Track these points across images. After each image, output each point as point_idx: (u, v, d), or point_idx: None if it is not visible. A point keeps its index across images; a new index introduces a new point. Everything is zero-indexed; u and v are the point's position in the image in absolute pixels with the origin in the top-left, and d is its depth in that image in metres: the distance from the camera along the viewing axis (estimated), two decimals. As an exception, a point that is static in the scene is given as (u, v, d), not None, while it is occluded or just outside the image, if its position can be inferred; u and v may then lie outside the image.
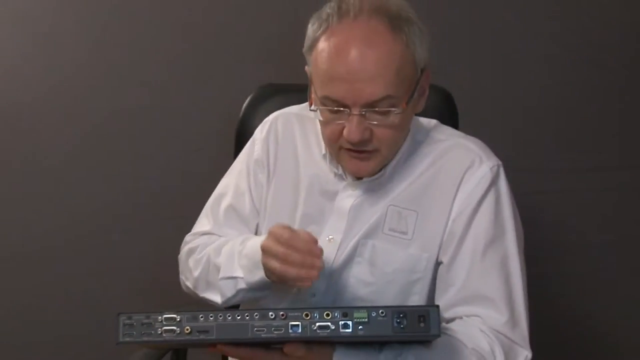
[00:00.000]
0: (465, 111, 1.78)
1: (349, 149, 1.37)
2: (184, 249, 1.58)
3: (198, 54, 2.18)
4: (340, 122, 1.34)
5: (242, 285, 1.40)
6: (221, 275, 1.42)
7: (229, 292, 1.42)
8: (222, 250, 1.46)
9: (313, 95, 1.38)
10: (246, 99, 1.83)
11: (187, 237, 1.60)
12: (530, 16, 2.14)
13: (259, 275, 1.35)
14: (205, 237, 1.56)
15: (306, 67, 1.40)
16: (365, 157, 1.38)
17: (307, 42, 1.37)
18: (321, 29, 1.34)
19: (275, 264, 1.29)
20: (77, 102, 2.20)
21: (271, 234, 1.31)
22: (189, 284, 1.54)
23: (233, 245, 1.44)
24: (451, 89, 1.77)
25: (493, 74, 2.16)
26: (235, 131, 1.80)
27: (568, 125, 2.17)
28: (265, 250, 1.31)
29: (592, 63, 2.15)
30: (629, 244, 2.20)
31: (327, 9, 1.35)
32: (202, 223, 1.60)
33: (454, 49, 2.12)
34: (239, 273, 1.40)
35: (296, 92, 1.63)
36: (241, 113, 1.81)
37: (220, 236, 1.54)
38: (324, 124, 1.38)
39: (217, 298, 1.45)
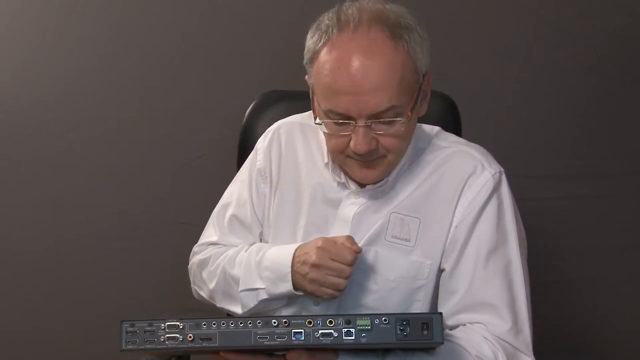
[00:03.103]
0: (468, 118, 1.78)
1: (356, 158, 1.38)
2: (194, 260, 1.59)
3: (202, 61, 2.19)
4: (346, 133, 1.34)
5: (263, 296, 1.42)
6: (241, 287, 1.44)
7: (251, 303, 1.44)
8: (235, 262, 1.47)
9: (316, 107, 1.38)
10: (249, 105, 1.83)
11: (196, 248, 1.61)
12: (532, 24, 2.14)
13: (285, 287, 1.39)
14: (213, 247, 1.57)
15: (306, 77, 1.40)
16: (372, 165, 1.38)
17: (308, 54, 1.37)
18: (321, 41, 1.33)
19: (340, 281, 1.34)
20: (80, 108, 2.20)
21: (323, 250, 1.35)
22: (203, 294, 1.56)
23: (249, 256, 1.46)
24: (454, 96, 1.77)
25: (495, 81, 2.16)
26: (238, 137, 1.80)
27: (570, 132, 2.17)
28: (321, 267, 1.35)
29: (593, 71, 2.14)
30: (631, 251, 2.19)
31: (326, 19, 1.35)
32: (209, 233, 1.61)
33: (456, 56, 2.12)
34: (260, 284, 1.42)
35: (300, 99, 1.63)
36: (244, 119, 1.81)
37: (226, 246, 1.56)
38: (329, 136, 1.38)
39: (237, 309, 1.46)
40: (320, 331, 1.15)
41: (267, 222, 1.54)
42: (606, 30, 2.14)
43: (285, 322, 1.16)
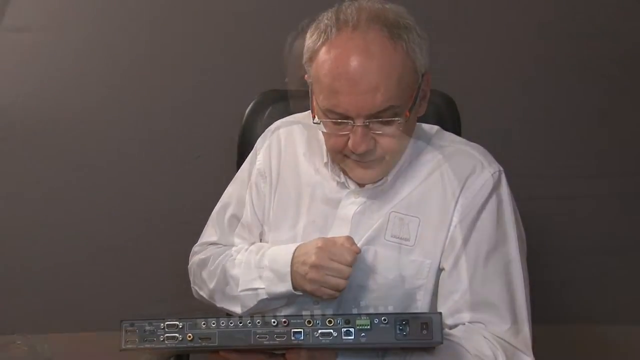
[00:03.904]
0: (468, 117, 1.78)
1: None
2: (194, 259, 1.59)
3: (201, 60, 2.19)
4: (344, 133, 1.34)
5: (263, 296, 1.42)
6: (241, 287, 1.44)
7: (251, 303, 1.44)
8: (235, 262, 1.48)
9: (315, 106, 1.38)
10: (249, 104, 1.83)
11: (196, 248, 1.61)
12: (532, 22, 2.14)
13: (284, 287, 1.38)
14: (213, 247, 1.58)
15: (306, 76, 1.40)
16: (370, 165, 1.38)
17: (307, 53, 1.37)
18: (320, 40, 1.33)
19: (339, 281, 1.33)
20: (80, 108, 2.20)
21: (322, 250, 1.34)
22: (203, 294, 1.56)
23: (249, 256, 1.46)
24: (453, 95, 1.77)
25: (495, 80, 2.16)
26: (238, 137, 1.80)
27: (570, 131, 2.18)
28: (319, 266, 1.34)
29: (594, 70, 2.15)
30: (631, 251, 2.19)
31: (325, 19, 1.35)
32: (209, 233, 1.61)
33: (455, 54, 2.12)
34: (259, 284, 1.42)
35: (299, 99, 1.63)
36: (244, 119, 1.81)
37: (226, 245, 1.56)
38: (327, 135, 1.38)
39: (237, 309, 1.46)
40: (319, 331, 1.16)
41: (267, 222, 1.54)
42: (606, 30, 2.14)
43: (285, 322, 1.16)
